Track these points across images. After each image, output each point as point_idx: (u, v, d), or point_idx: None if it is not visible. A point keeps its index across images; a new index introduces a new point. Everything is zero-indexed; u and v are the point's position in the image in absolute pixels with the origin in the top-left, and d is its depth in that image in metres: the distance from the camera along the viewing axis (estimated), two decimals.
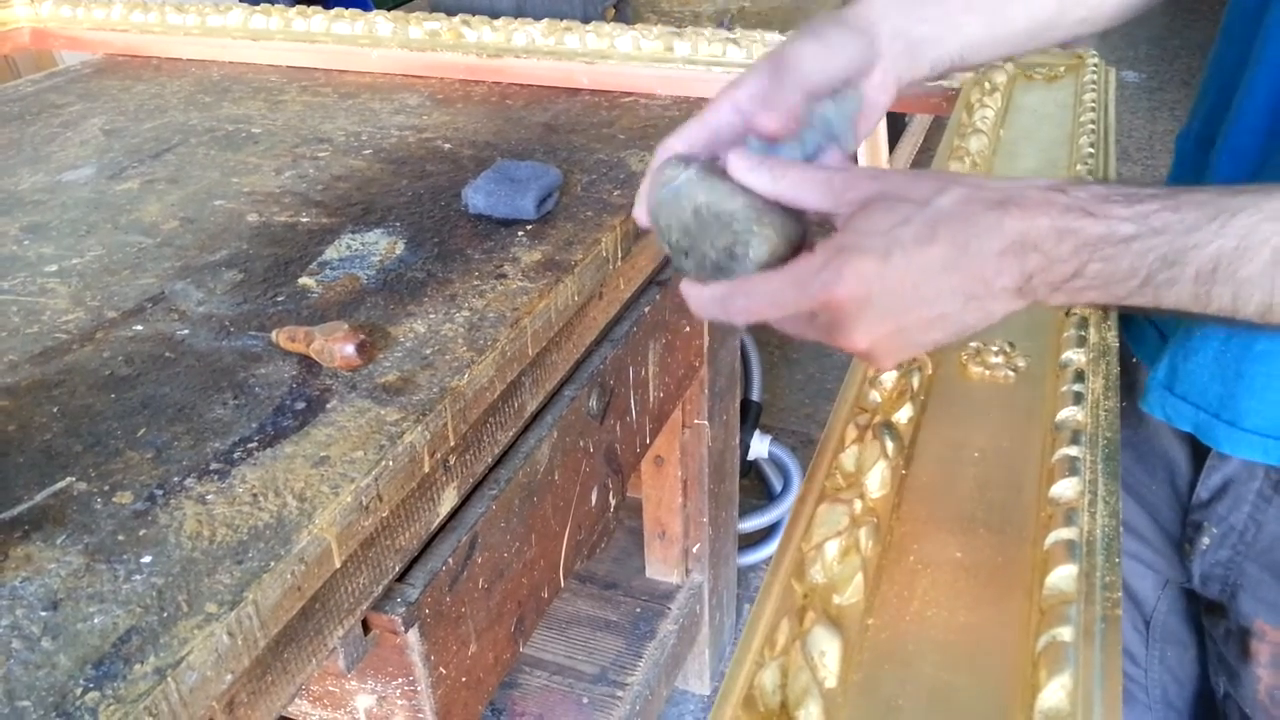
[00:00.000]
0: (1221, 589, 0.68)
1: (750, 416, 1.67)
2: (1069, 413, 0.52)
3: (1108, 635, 0.42)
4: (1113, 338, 0.61)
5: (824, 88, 0.52)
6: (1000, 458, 0.52)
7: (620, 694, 1.20)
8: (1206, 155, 0.62)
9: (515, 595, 0.79)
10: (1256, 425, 0.59)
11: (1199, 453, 0.67)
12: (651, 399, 0.99)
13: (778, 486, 1.75)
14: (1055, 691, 0.38)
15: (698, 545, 1.32)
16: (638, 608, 1.31)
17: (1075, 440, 0.50)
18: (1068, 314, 0.61)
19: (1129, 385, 0.72)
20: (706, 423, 1.21)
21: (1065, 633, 0.41)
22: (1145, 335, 0.70)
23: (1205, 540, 0.67)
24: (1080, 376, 0.55)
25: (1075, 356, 0.57)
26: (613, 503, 0.95)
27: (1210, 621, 0.71)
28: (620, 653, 1.25)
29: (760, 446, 1.68)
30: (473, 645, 0.73)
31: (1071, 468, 0.48)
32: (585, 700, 1.19)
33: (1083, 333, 0.59)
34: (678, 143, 0.54)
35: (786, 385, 2.17)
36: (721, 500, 1.33)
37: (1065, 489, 0.47)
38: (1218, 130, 0.61)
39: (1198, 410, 0.62)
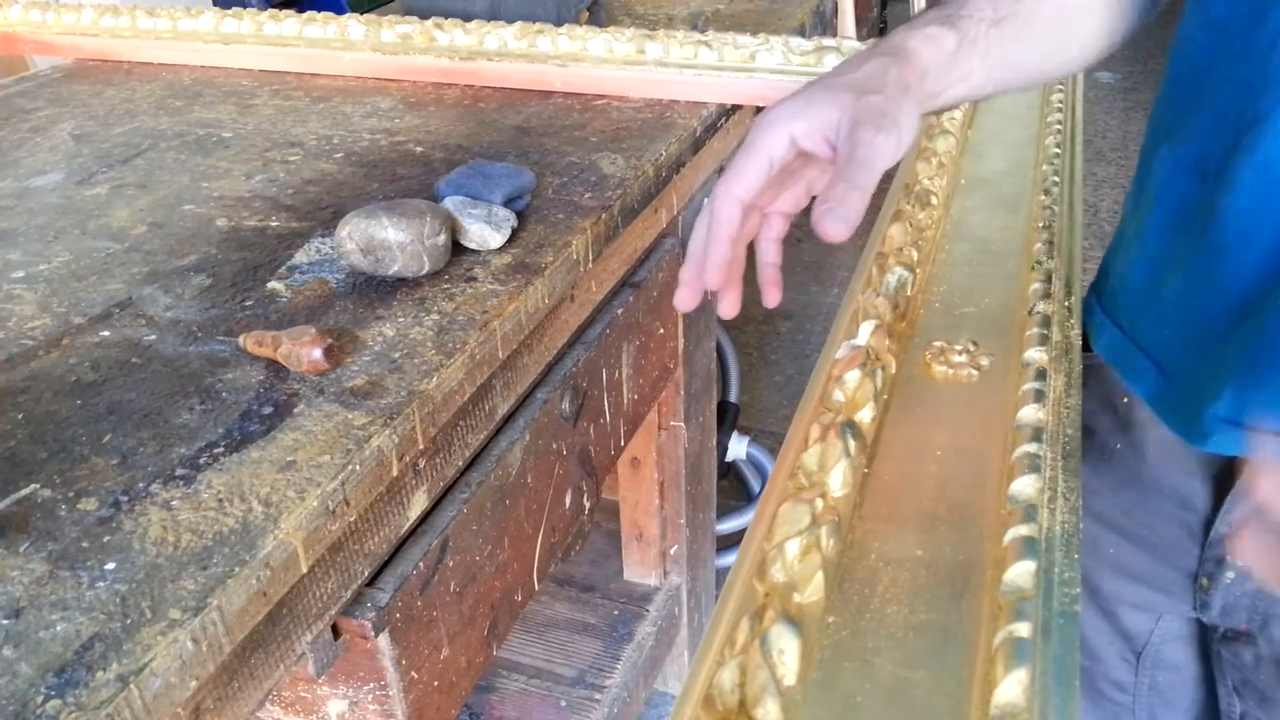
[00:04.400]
0: (1250, 618, 0.67)
1: (728, 418, 1.68)
2: (1030, 411, 0.53)
3: (1066, 631, 0.42)
4: (1076, 336, 0.61)
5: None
6: (962, 456, 0.52)
7: (598, 697, 1.20)
8: (1213, 189, 0.58)
9: (488, 599, 0.79)
10: None
11: (1220, 487, 0.66)
12: (625, 401, 0.99)
13: (756, 488, 1.75)
14: (1012, 686, 0.39)
15: (675, 547, 1.32)
16: (615, 610, 1.31)
17: (1036, 438, 0.51)
18: (1030, 313, 0.62)
19: (1123, 425, 0.71)
20: (683, 424, 1.21)
21: (1023, 628, 0.41)
22: (1140, 370, 0.67)
23: (1229, 574, 0.66)
24: (1042, 375, 0.56)
25: (1037, 355, 0.57)
26: (587, 505, 0.95)
27: (1230, 650, 0.71)
28: (598, 655, 1.25)
29: (738, 448, 1.68)
30: (445, 649, 0.73)
31: (1032, 465, 0.49)
32: (563, 703, 1.19)
33: (1045, 331, 0.59)
34: (742, 188, 0.52)
35: (765, 387, 2.17)
36: (699, 502, 1.34)
37: (1025, 486, 0.48)
38: (1230, 160, 0.56)
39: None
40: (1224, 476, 0.65)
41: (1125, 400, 0.70)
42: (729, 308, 0.59)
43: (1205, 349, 0.60)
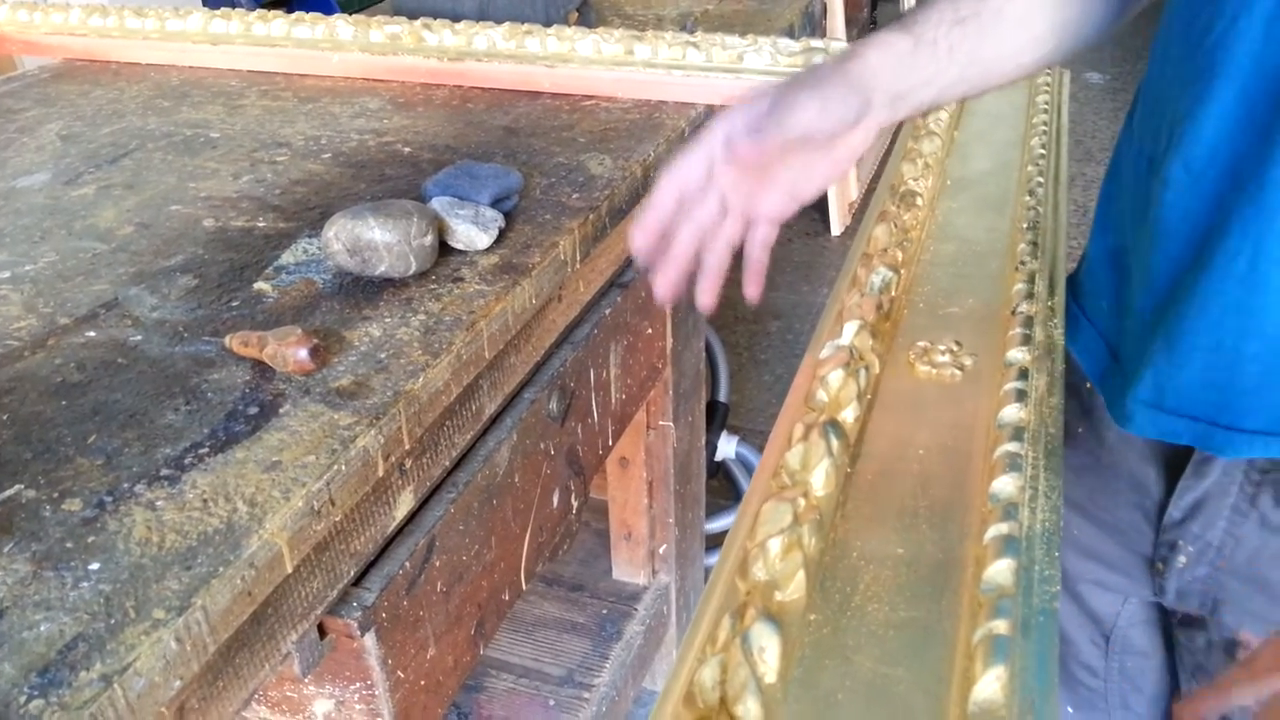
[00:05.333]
0: (1201, 603, 0.68)
1: (717, 417, 1.68)
2: (1012, 410, 0.53)
3: (1046, 628, 0.43)
4: (1059, 336, 0.62)
5: (809, 141, 0.56)
6: (944, 455, 0.52)
7: (587, 695, 1.21)
8: (1154, 183, 0.61)
9: (475, 598, 0.79)
10: (1258, 424, 0.58)
11: (1171, 473, 0.67)
12: (613, 401, 1.00)
13: (745, 487, 1.75)
14: (990, 683, 0.39)
15: (664, 546, 1.32)
16: (604, 609, 1.31)
17: (1017, 437, 0.51)
18: (1013, 313, 0.62)
19: (1084, 411, 0.73)
20: (671, 424, 1.21)
21: (1002, 626, 0.41)
22: (1097, 355, 0.69)
23: (1181, 559, 0.67)
24: (1024, 374, 0.56)
25: (1019, 355, 0.58)
26: (575, 504, 0.95)
27: (1186, 634, 0.72)
28: (587, 654, 1.25)
29: (728, 447, 1.69)
30: (432, 649, 0.73)
31: (1013, 464, 0.49)
32: (552, 702, 1.20)
33: (1028, 331, 0.60)
34: (679, 175, 0.59)
35: (755, 386, 2.18)
36: (688, 501, 1.34)
37: (1005, 485, 0.48)
38: (1165, 156, 0.59)
39: (1194, 422, 0.60)
40: (1176, 462, 0.66)
41: (1088, 386, 0.71)
42: (704, 299, 0.64)
43: (1137, 334, 0.63)
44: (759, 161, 0.57)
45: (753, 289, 0.65)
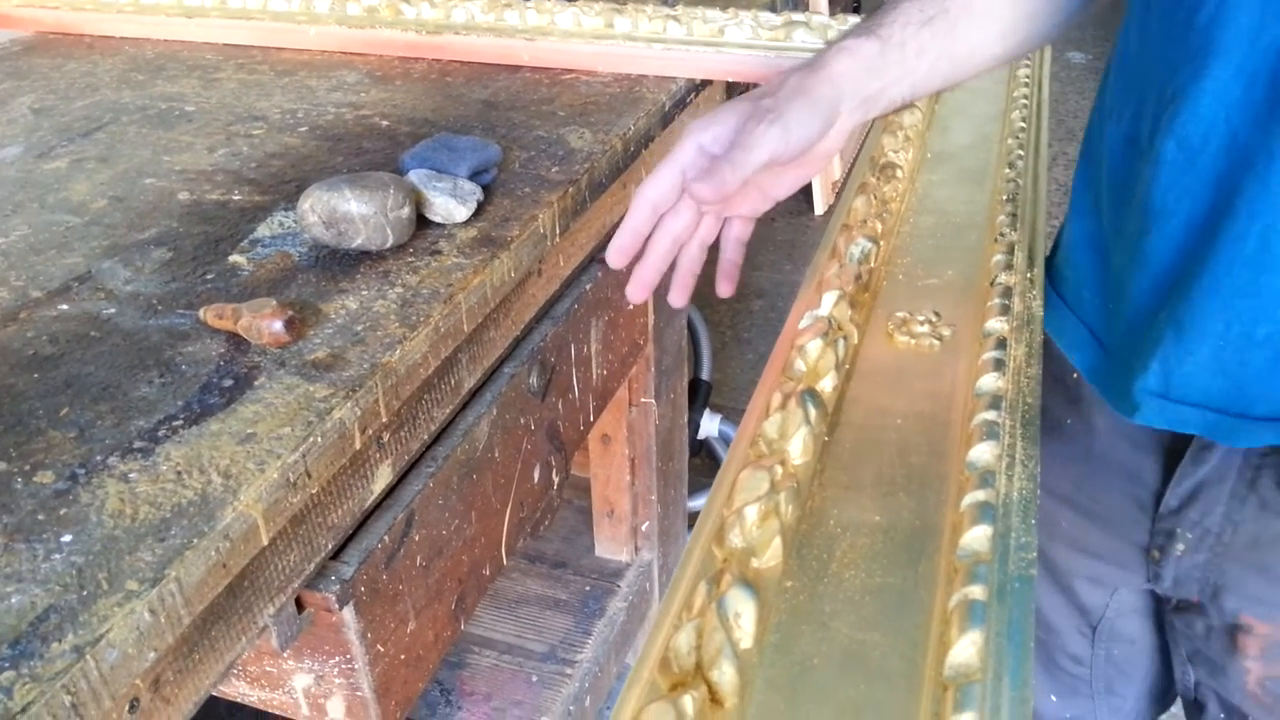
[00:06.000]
0: (1200, 590, 0.68)
1: (700, 395, 1.68)
2: (990, 379, 0.53)
3: (1022, 595, 0.43)
4: (1037, 307, 0.62)
5: (776, 165, 0.58)
6: (922, 424, 0.52)
7: (570, 671, 1.21)
8: (1141, 164, 0.59)
9: (455, 573, 0.79)
10: (1269, 411, 0.57)
11: (1166, 460, 0.67)
12: (595, 376, 0.99)
13: None
14: (966, 648, 0.39)
15: (646, 523, 1.33)
16: (587, 586, 1.32)
17: (995, 405, 0.51)
18: (992, 284, 0.62)
19: (1072, 400, 0.72)
20: (653, 401, 1.21)
21: (978, 591, 0.41)
22: (1080, 343, 0.69)
23: (1179, 546, 0.67)
24: (1002, 344, 0.56)
25: (998, 325, 0.58)
26: (556, 480, 0.95)
27: (1183, 620, 0.72)
28: (570, 631, 1.25)
29: (711, 425, 1.69)
30: (411, 623, 0.73)
31: (990, 432, 0.49)
32: (535, 678, 1.20)
33: (1006, 302, 0.60)
34: (652, 191, 0.61)
35: (738, 364, 2.18)
36: (670, 478, 1.34)
37: (983, 453, 0.48)
38: (1155, 135, 0.58)
39: (1204, 411, 0.59)
40: (1172, 450, 0.66)
41: (1075, 376, 0.70)
42: (677, 299, 0.68)
43: (1135, 321, 0.61)
44: (722, 199, 0.58)
45: (725, 287, 0.68)
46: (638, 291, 0.66)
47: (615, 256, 0.64)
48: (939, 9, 0.61)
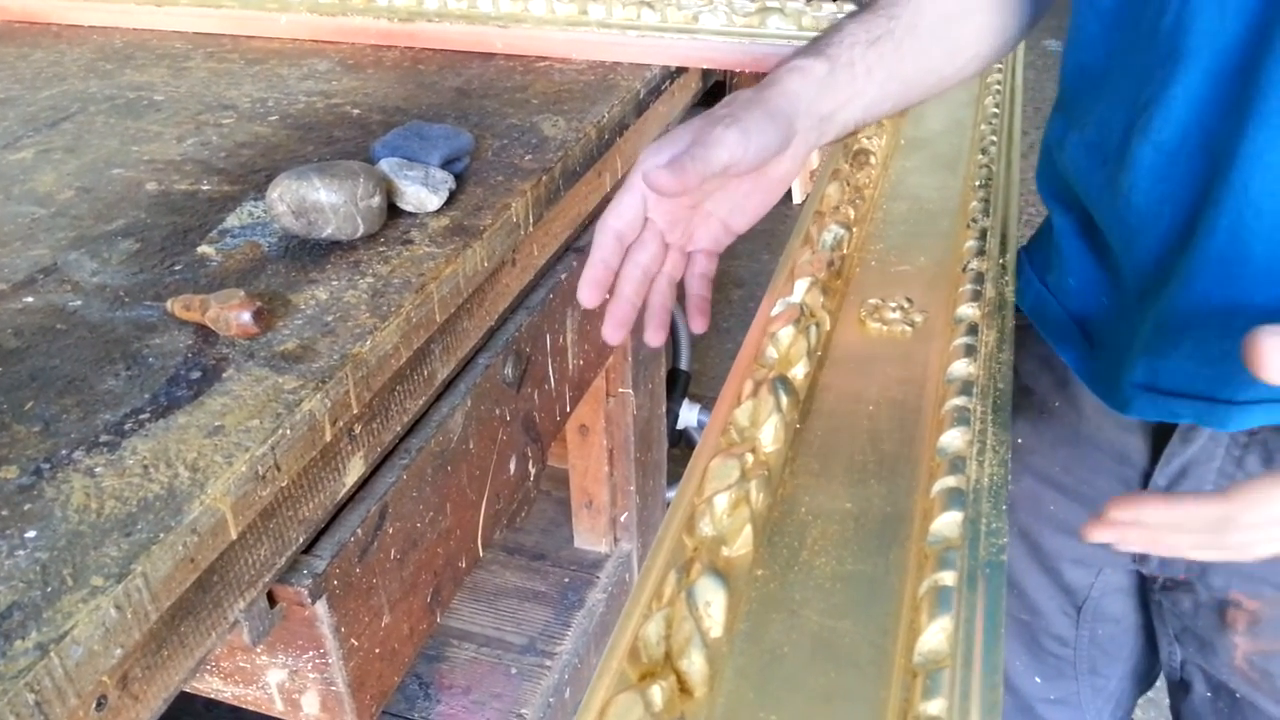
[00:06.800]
0: (1188, 568, 0.69)
1: (679, 386, 1.68)
2: (961, 365, 0.53)
3: (993, 580, 0.43)
4: (1009, 293, 0.62)
5: (734, 175, 0.57)
6: (894, 410, 0.52)
7: (549, 663, 1.21)
8: (1115, 170, 0.59)
9: (430, 566, 0.78)
10: (1255, 394, 0.58)
11: (1154, 440, 0.67)
12: (571, 367, 0.99)
13: None
14: (935, 634, 0.39)
15: (625, 514, 1.32)
16: (566, 578, 1.31)
17: (966, 391, 0.51)
18: (964, 270, 0.62)
19: (1060, 383, 0.73)
20: (631, 391, 1.21)
21: (948, 577, 0.41)
22: (1067, 335, 0.69)
23: None
24: (974, 330, 0.56)
25: (969, 311, 0.58)
26: (533, 471, 0.94)
27: (1170, 598, 0.73)
28: (549, 623, 1.25)
29: (690, 415, 1.69)
30: (386, 616, 0.73)
31: (961, 418, 0.49)
32: (514, 670, 1.20)
33: (978, 288, 0.60)
34: (616, 220, 0.60)
35: (716, 354, 2.18)
36: (649, 469, 1.34)
37: (954, 439, 0.48)
38: (1128, 141, 0.58)
39: (1193, 400, 0.60)
40: (1160, 430, 0.66)
41: (1063, 359, 0.71)
42: (653, 339, 0.65)
43: (1121, 319, 0.62)
44: (681, 193, 0.57)
45: (698, 323, 0.67)
46: (614, 332, 0.63)
47: (587, 292, 0.62)
48: (884, 30, 0.61)
